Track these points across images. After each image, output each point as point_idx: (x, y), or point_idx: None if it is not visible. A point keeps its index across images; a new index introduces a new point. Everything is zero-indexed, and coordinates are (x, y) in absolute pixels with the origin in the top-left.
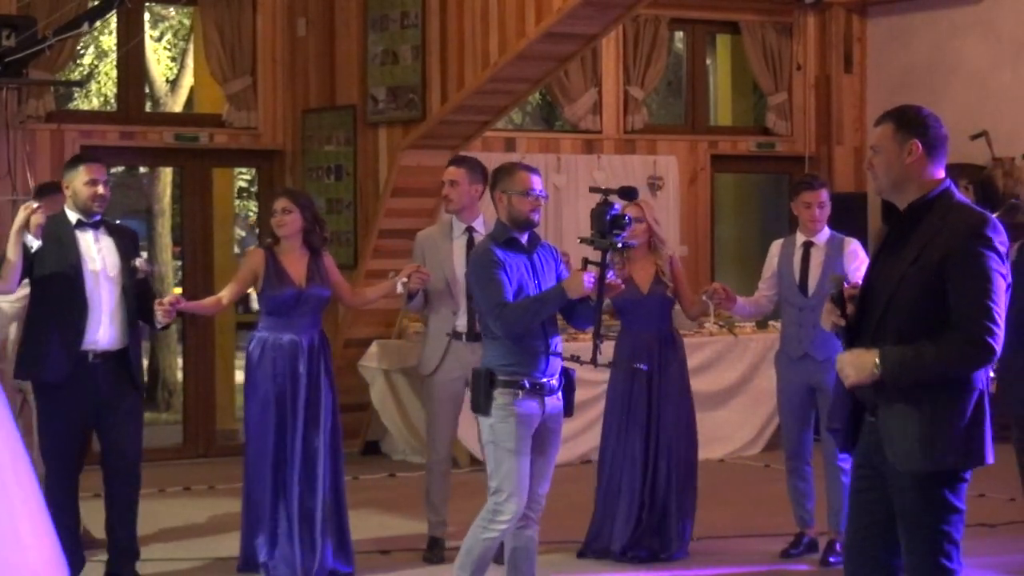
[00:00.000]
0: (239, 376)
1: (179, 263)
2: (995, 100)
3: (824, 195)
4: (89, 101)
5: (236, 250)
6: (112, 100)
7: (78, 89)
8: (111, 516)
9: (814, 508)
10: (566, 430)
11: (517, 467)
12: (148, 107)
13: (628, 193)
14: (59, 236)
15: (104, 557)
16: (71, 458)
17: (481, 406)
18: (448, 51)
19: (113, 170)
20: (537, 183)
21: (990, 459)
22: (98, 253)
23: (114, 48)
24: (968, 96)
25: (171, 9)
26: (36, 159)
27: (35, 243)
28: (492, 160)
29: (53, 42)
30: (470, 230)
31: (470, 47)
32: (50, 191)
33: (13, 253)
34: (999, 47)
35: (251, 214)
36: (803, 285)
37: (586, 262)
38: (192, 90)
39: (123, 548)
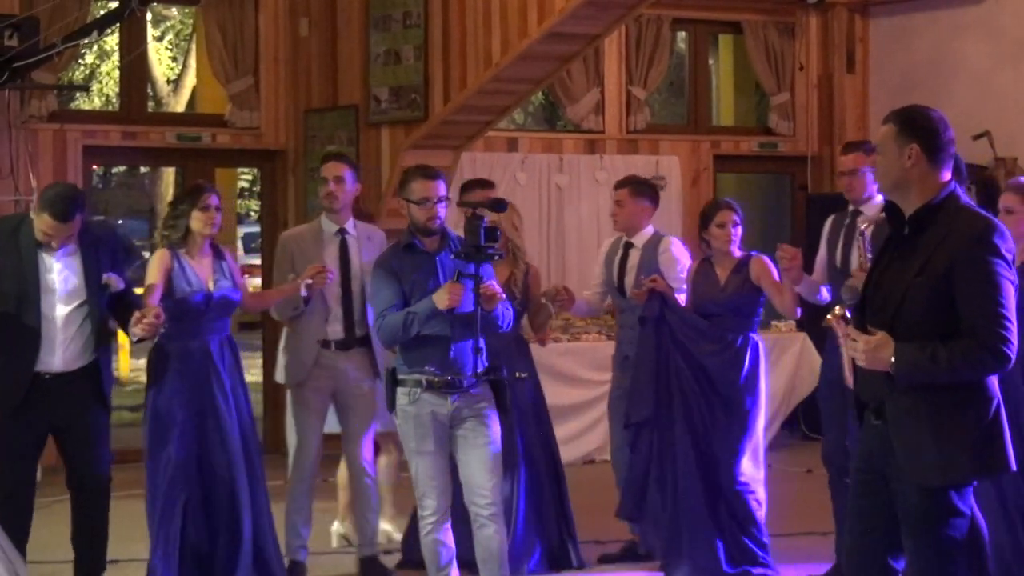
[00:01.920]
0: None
1: None
2: (997, 100)
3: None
4: (91, 101)
5: (240, 250)
6: (114, 100)
7: (85, 79)
8: (78, 535)
9: None
10: (569, 430)
11: (422, 466)
12: (150, 107)
13: (497, 205)
14: (20, 252)
15: None
16: (21, 478)
17: (388, 404)
18: (450, 51)
19: (115, 170)
20: (436, 191)
21: (1013, 466)
22: (59, 273)
23: (116, 48)
24: (970, 96)
25: (173, 9)
26: (38, 159)
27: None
28: (495, 160)
29: (62, 49)
30: (342, 232)
31: (472, 47)
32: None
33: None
34: (1001, 47)
35: (253, 213)
36: (620, 286)
37: (459, 275)
38: (194, 90)
39: (89, 566)
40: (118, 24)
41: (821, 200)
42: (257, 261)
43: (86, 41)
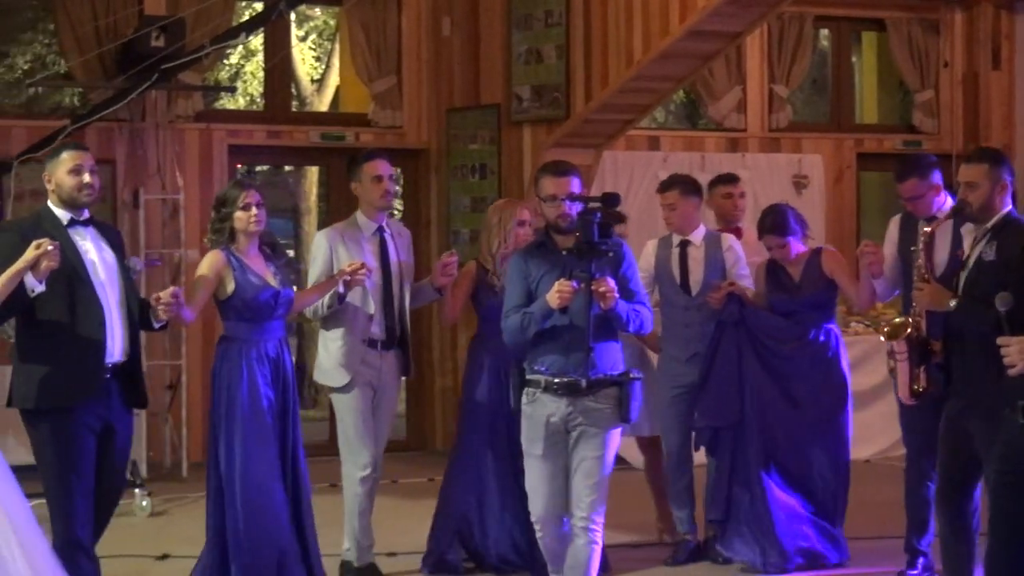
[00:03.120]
0: None
1: None
2: None
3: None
4: (236, 101)
5: None
6: (259, 100)
7: (230, 79)
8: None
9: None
10: None
11: (530, 469)
12: (294, 107)
13: (611, 201)
14: (52, 237)
15: None
16: (85, 489)
17: (514, 405)
18: (592, 49)
19: (259, 168)
20: (566, 187)
21: None
22: (98, 254)
23: (260, 49)
24: None
25: (317, 9)
26: (185, 159)
27: (38, 287)
28: (636, 159)
29: (210, 51)
30: (380, 230)
31: (614, 45)
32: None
33: (1, 290)
34: None
35: (396, 212)
36: (684, 284)
37: (570, 273)
38: (338, 89)
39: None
40: (265, 24)
41: None
42: None
43: (234, 44)
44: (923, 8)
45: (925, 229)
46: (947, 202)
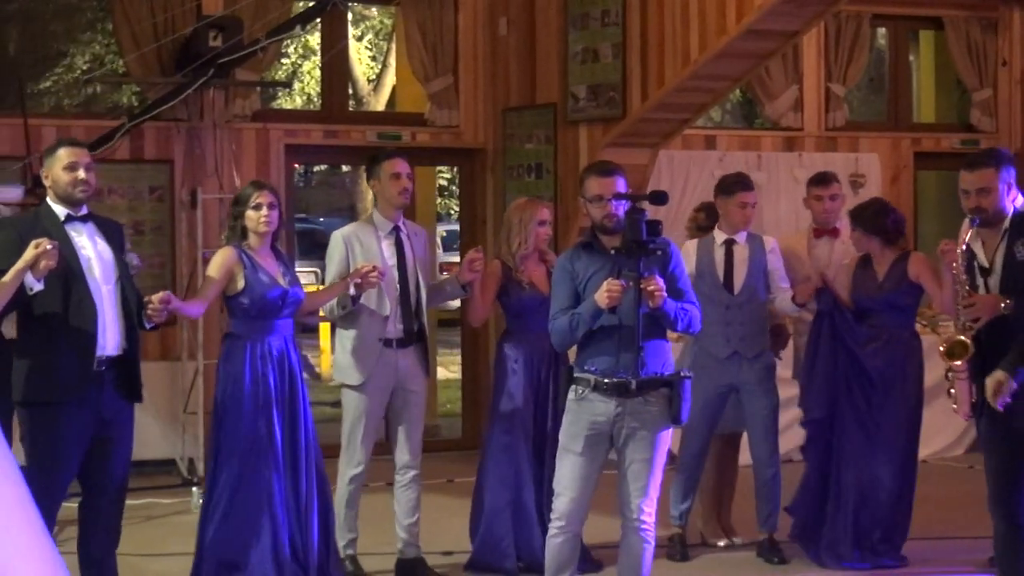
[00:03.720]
0: (442, 372)
1: None
2: None
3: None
4: (293, 100)
5: (439, 248)
6: (316, 99)
7: (287, 78)
8: (90, 537)
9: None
10: None
11: (564, 465)
12: (351, 106)
13: (658, 198)
14: (49, 235)
15: None
16: (63, 485)
17: (561, 402)
18: (648, 49)
19: (316, 168)
20: (611, 188)
21: None
22: (94, 250)
23: (317, 48)
24: None
25: (373, 9)
26: (242, 158)
27: (37, 286)
28: (692, 158)
29: (266, 44)
30: (396, 229)
31: (670, 45)
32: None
33: (4, 292)
34: None
35: (452, 212)
36: (728, 283)
37: (619, 271)
38: (394, 89)
39: (100, 568)
40: (319, 18)
41: None
42: (456, 259)
43: (289, 36)
44: (981, 7)
45: (963, 244)
46: (1018, 200)
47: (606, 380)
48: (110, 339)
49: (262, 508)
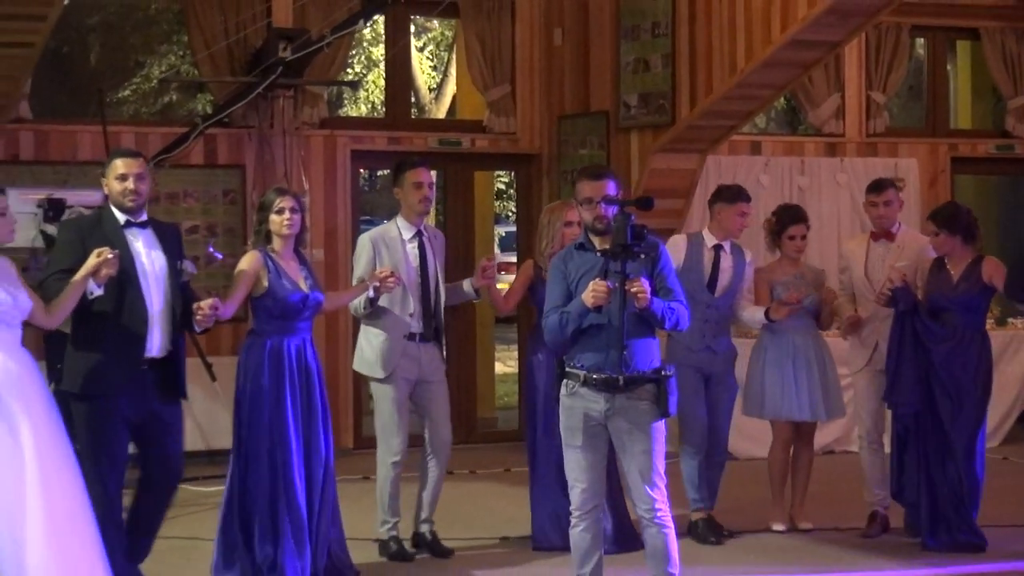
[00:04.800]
0: (499, 367)
1: None
2: None
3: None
4: (358, 108)
5: (496, 248)
6: (380, 107)
7: (350, 92)
8: (139, 524)
9: None
10: None
11: (570, 460)
12: (413, 114)
13: (645, 203)
14: (109, 239)
15: None
16: (113, 471)
17: (554, 396)
18: (696, 59)
19: (380, 173)
20: (600, 191)
21: None
22: (148, 257)
23: (381, 58)
24: None
25: (434, 21)
26: (310, 163)
27: (97, 291)
28: (739, 163)
29: (331, 39)
30: (419, 234)
31: (718, 55)
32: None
33: (70, 296)
34: None
35: (510, 214)
36: (712, 285)
37: (606, 273)
38: (454, 97)
39: (139, 550)
40: (381, 13)
41: None
42: (514, 259)
43: (353, 30)
44: (1017, 18)
45: None
46: None
47: (595, 376)
48: (156, 341)
49: (279, 500)
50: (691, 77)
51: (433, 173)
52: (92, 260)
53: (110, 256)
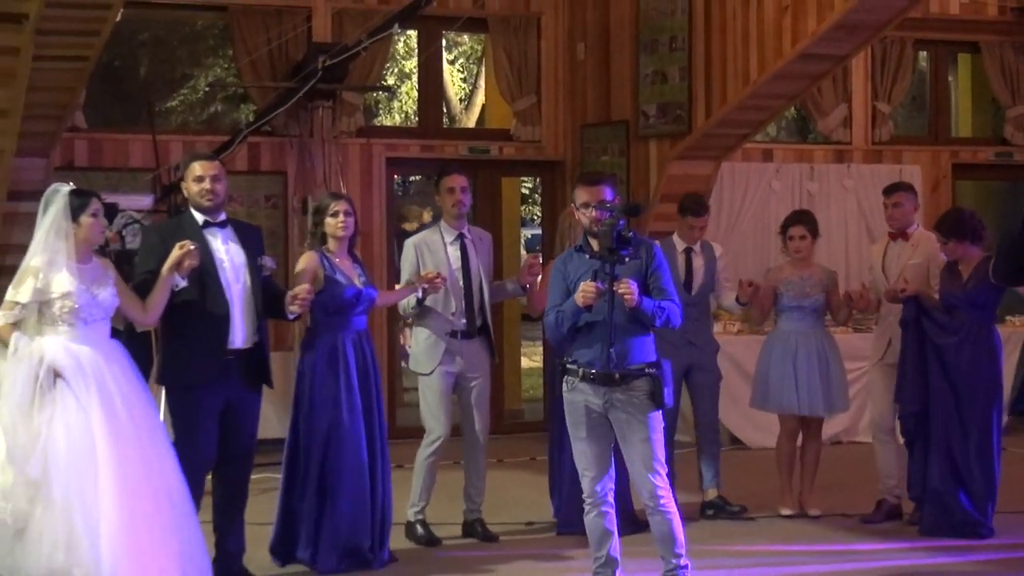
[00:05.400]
0: (525, 362)
1: None
2: None
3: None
4: (393, 118)
5: (522, 250)
6: (413, 117)
7: (385, 103)
8: (222, 516)
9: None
10: None
11: (577, 451)
12: (445, 123)
13: (633, 210)
14: (188, 239)
15: None
16: (203, 457)
17: (556, 391)
18: (712, 71)
19: (412, 178)
20: (596, 196)
21: None
22: (227, 254)
23: (414, 71)
24: None
25: (464, 36)
26: (348, 170)
27: (182, 283)
28: (751, 169)
29: (368, 43)
30: (461, 236)
31: (732, 67)
32: None
33: (160, 292)
34: None
35: (535, 217)
36: (688, 284)
37: (595, 275)
38: (483, 108)
39: (232, 547)
40: (415, 13)
41: None
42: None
43: (388, 34)
44: (1015, 32)
45: None
46: None
47: (592, 371)
48: (239, 333)
49: (338, 486)
50: (706, 88)
51: (465, 178)
52: (175, 253)
53: (191, 247)
